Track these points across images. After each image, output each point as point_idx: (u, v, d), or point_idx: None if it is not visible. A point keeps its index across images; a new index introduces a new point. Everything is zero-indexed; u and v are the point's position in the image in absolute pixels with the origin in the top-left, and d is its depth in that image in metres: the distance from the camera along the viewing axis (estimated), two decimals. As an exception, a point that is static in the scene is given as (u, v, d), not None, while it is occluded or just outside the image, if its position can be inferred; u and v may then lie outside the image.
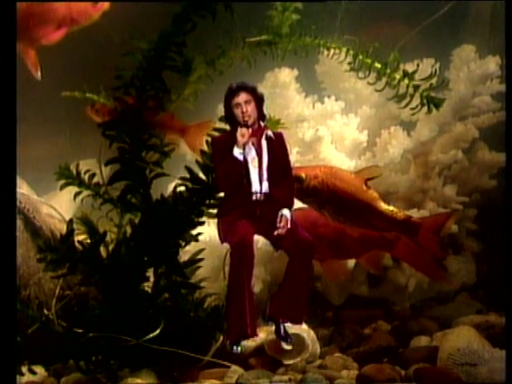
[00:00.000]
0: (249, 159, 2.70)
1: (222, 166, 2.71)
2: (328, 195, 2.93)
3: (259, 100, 2.72)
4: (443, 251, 3.12)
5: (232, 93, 2.70)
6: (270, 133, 2.73)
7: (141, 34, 3.10)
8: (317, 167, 3.00)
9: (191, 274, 3.19)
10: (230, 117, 2.73)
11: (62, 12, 3.38)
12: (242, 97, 2.69)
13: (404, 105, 3.17)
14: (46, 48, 3.66)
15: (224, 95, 2.72)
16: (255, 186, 2.70)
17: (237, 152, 2.68)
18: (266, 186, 2.70)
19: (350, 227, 3.11)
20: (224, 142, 2.73)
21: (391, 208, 2.99)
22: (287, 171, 2.75)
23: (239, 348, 2.72)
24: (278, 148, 2.73)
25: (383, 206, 2.98)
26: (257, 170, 2.70)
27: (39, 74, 3.47)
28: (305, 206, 3.08)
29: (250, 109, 2.69)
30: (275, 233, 2.68)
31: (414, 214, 3.29)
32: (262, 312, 2.78)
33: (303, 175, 2.92)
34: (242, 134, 2.68)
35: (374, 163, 3.63)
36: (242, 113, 2.68)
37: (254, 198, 2.70)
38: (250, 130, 2.69)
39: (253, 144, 2.71)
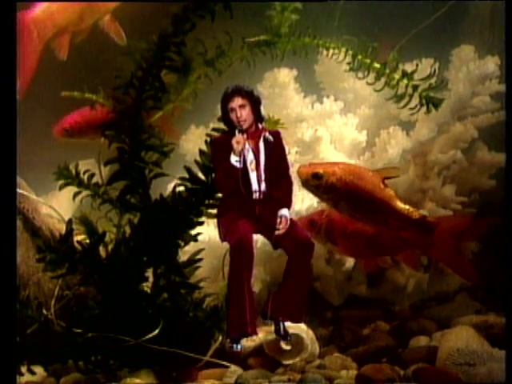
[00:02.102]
0: (247, 162, 2.69)
1: (220, 170, 2.71)
2: (345, 192, 2.91)
3: (255, 103, 2.70)
4: (459, 255, 3.10)
5: (227, 97, 2.69)
6: (267, 134, 2.72)
7: (140, 34, 3.10)
8: (335, 164, 2.99)
9: (190, 274, 3.19)
10: (226, 119, 2.73)
11: None
12: (237, 101, 2.68)
13: (403, 105, 3.17)
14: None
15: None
16: (254, 187, 2.70)
17: (234, 159, 2.67)
18: (264, 187, 2.70)
19: (365, 224, 3.10)
20: (222, 144, 2.72)
21: (407, 207, 2.97)
22: (285, 171, 2.75)
23: (239, 346, 2.72)
24: (275, 148, 2.73)
25: (400, 204, 2.96)
26: (255, 172, 2.70)
27: (125, 39, 3.57)
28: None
29: (245, 113, 2.68)
30: (276, 233, 2.68)
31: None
32: (262, 311, 2.78)
33: (321, 171, 2.90)
34: (238, 141, 2.66)
35: (373, 163, 3.64)
36: (237, 117, 2.68)
37: (253, 197, 2.70)
38: (245, 135, 2.68)
39: (249, 145, 2.70)
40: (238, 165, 2.67)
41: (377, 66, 3.18)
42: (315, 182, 2.90)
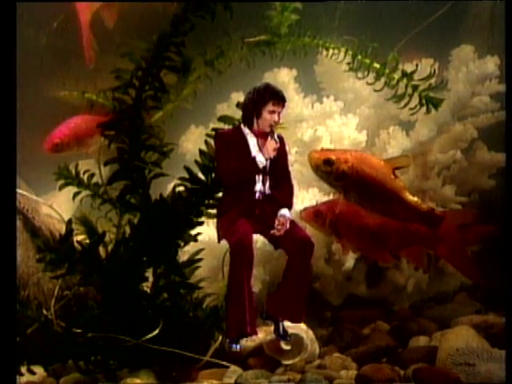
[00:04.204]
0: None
1: (232, 163, 2.69)
2: (356, 180, 2.88)
3: None
4: (463, 252, 3.11)
5: (277, 98, 2.68)
6: (275, 136, 2.74)
7: (140, 34, 3.10)
8: (347, 151, 2.95)
9: (190, 274, 3.19)
10: (253, 112, 2.69)
11: None
12: (280, 108, 2.68)
13: (403, 105, 3.17)
14: (45, 48, 3.67)
15: (257, 89, 2.69)
16: (258, 187, 2.70)
17: (260, 160, 2.68)
18: (267, 187, 2.71)
19: (373, 214, 3.09)
20: (232, 138, 2.71)
21: (416, 199, 2.96)
22: (287, 174, 2.77)
23: (238, 346, 2.72)
24: (280, 151, 2.73)
25: (409, 196, 2.94)
26: (261, 172, 2.71)
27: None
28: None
29: (279, 121, 2.70)
30: (271, 232, 2.68)
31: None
32: (261, 310, 2.79)
33: (333, 158, 2.86)
34: (274, 148, 2.68)
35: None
36: (274, 121, 2.67)
37: (254, 197, 2.70)
38: (278, 142, 2.71)
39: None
40: (261, 165, 2.69)
41: (376, 66, 3.19)
42: (326, 168, 2.86)
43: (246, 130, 2.71)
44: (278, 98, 2.67)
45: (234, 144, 2.70)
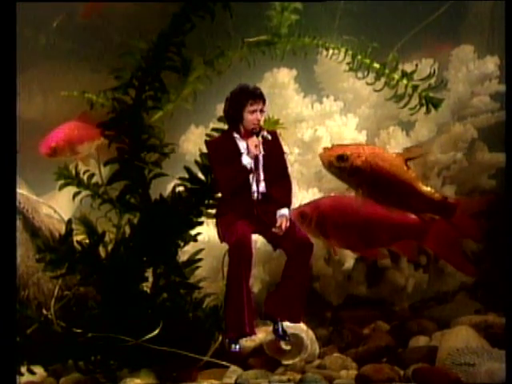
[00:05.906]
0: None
1: (226, 171, 2.69)
2: (370, 175, 2.87)
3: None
4: (479, 234, 3.10)
5: (253, 97, 2.67)
6: (265, 133, 2.72)
7: (140, 34, 3.10)
8: (360, 146, 2.94)
9: (190, 274, 3.19)
10: (235, 117, 2.71)
11: None
12: (260, 105, 2.68)
13: (403, 105, 3.17)
14: (45, 47, 3.66)
15: (234, 93, 2.69)
16: (253, 187, 2.70)
17: (246, 161, 2.68)
18: (263, 187, 2.71)
19: (387, 208, 3.07)
20: (223, 145, 2.72)
21: (429, 189, 2.96)
22: (284, 171, 2.76)
23: (237, 346, 2.72)
24: (273, 147, 2.73)
25: (422, 186, 2.93)
26: (254, 173, 2.70)
27: None
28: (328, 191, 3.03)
29: (261, 118, 2.69)
30: (273, 229, 2.68)
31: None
32: (260, 311, 2.79)
33: (348, 153, 2.84)
34: (256, 145, 2.68)
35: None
36: (257, 120, 2.68)
37: (252, 197, 2.70)
38: (261, 139, 2.69)
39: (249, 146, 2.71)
40: (249, 166, 2.68)
41: (376, 66, 3.18)
42: (340, 164, 2.84)
43: (235, 134, 2.71)
44: (255, 97, 2.67)
45: (226, 150, 2.70)
